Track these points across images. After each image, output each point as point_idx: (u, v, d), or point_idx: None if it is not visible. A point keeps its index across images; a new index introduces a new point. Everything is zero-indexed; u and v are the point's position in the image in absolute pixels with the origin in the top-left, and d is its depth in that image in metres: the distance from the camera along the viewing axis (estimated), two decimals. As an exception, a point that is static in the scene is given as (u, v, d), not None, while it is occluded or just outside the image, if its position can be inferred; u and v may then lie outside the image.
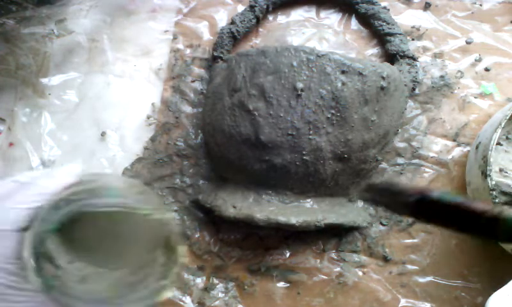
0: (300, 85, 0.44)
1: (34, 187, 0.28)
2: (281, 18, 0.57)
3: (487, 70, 0.52)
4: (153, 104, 0.55)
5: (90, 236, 0.26)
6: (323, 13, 0.56)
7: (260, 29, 0.57)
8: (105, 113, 0.56)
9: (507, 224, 0.23)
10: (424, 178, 0.50)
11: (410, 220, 0.48)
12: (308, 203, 0.46)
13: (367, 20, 0.55)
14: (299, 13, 0.57)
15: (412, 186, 0.27)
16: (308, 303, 0.47)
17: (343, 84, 0.44)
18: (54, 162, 0.55)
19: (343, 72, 0.44)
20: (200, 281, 0.49)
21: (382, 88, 0.45)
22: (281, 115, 0.44)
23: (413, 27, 0.54)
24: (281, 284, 0.48)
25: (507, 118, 0.41)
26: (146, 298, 0.25)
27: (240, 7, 0.57)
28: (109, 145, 0.55)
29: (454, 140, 0.50)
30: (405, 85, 0.49)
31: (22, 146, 0.55)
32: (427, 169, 0.50)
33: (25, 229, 0.24)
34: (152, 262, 0.26)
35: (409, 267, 0.47)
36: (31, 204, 0.27)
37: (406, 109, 0.50)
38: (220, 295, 0.48)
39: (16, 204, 0.27)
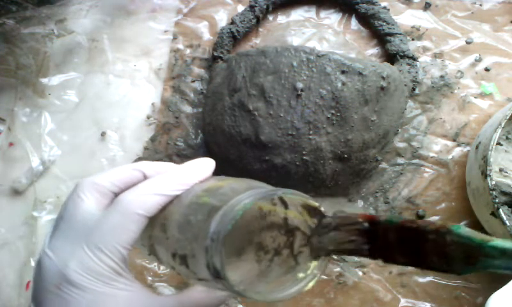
0: (300, 85, 0.44)
1: (172, 176, 0.27)
2: (281, 18, 0.57)
3: (487, 70, 0.52)
4: (153, 104, 0.55)
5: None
6: (323, 13, 0.56)
7: (260, 29, 0.57)
8: (105, 113, 0.56)
9: (456, 236, 0.20)
10: (424, 178, 0.50)
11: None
12: (308, 203, 0.47)
13: (367, 20, 0.55)
14: (299, 13, 0.57)
15: (359, 213, 0.24)
16: (308, 303, 0.47)
17: (343, 84, 0.44)
18: (54, 162, 0.55)
19: (343, 72, 0.44)
20: (199, 281, 0.49)
21: (382, 88, 0.45)
22: (281, 115, 0.44)
23: (413, 27, 0.54)
24: (281, 284, 0.48)
25: (507, 117, 0.41)
26: (294, 287, 0.25)
27: (240, 7, 0.57)
28: (109, 145, 0.54)
29: (454, 140, 0.50)
30: (405, 85, 0.49)
31: (22, 146, 0.55)
32: (427, 169, 0.50)
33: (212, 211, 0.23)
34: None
35: (409, 266, 0.47)
36: (170, 192, 0.26)
37: (406, 109, 0.50)
38: (220, 295, 0.48)
39: (156, 191, 0.26)
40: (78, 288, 0.24)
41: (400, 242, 0.22)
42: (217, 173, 0.29)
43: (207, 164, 0.29)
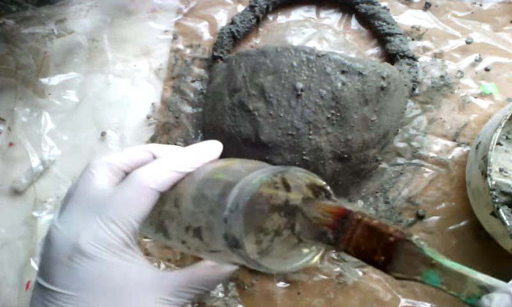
0: (300, 85, 0.44)
1: (184, 155, 0.28)
2: (281, 18, 0.57)
3: (487, 70, 0.52)
4: (153, 104, 0.55)
5: None
6: (323, 13, 0.56)
7: (260, 29, 0.57)
8: (105, 113, 0.56)
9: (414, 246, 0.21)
10: (424, 178, 0.50)
11: (410, 220, 0.48)
12: (308, 203, 0.47)
13: (367, 20, 0.55)
14: (299, 13, 0.57)
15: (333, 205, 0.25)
16: (308, 303, 0.47)
17: (343, 84, 0.44)
18: (54, 162, 0.55)
19: (343, 72, 0.44)
20: (199, 281, 0.49)
21: (382, 88, 0.45)
22: (281, 115, 0.44)
23: (413, 27, 0.54)
24: (281, 284, 0.48)
25: (507, 117, 0.41)
26: (298, 262, 0.26)
27: (240, 7, 0.57)
28: (109, 145, 0.54)
29: (454, 140, 0.50)
30: (405, 85, 0.49)
31: (22, 146, 0.55)
32: (427, 169, 0.50)
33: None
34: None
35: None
36: (182, 169, 0.28)
37: (406, 109, 0.50)
38: (220, 295, 0.48)
39: (169, 168, 0.27)
40: (90, 259, 0.25)
41: (362, 238, 0.23)
42: None
43: (215, 146, 0.30)
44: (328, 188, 0.26)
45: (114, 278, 0.25)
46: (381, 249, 0.22)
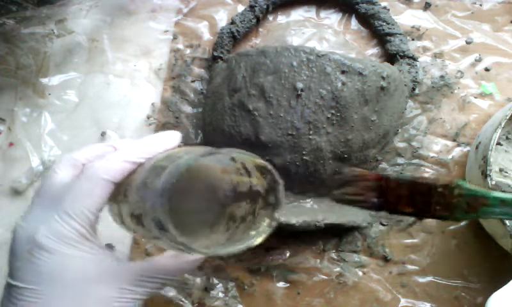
0: (300, 85, 0.44)
1: (137, 146, 0.29)
2: (281, 18, 0.57)
3: (487, 70, 0.52)
4: (153, 104, 0.55)
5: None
6: (323, 13, 0.56)
7: (260, 29, 0.57)
8: (105, 113, 0.56)
9: (464, 189, 0.23)
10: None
11: (410, 220, 0.48)
12: (308, 203, 0.46)
13: (367, 20, 0.55)
14: (299, 13, 0.57)
15: (370, 172, 0.27)
16: (308, 303, 0.47)
17: (343, 84, 0.44)
18: (54, 162, 0.55)
19: (343, 72, 0.44)
20: (199, 281, 0.49)
21: (382, 88, 0.45)
22: (281, 115, 0.44)
23: (413, 27, 0.54)
24: (281, 284, 0.48)
25: (507, 117, 0.41)
26: (241, 243, 0.26)
27: (240, 8, 0.57)
28: (109, 145, 0.55)
29: (454, 140, 0.50)
30: (405, 85, 0.49)
31: (22, 146, 0.55)
32: (427, 169, 0.50)
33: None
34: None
35: (409, 267, 0.47)
36: (134, 159, 0.28)
37: (406, 109, 0.50)
38: (220, 295, 0.48)
39: (122, 159, 0.28)
40: (47, 252, 0.26)
41: (409, 196, 0.25)
42: None
43: (171, 136, 0.30)
44: (270, 167, 0.27)
45: (73, 270, 0.26)
46: (435, 203, 0.24)
